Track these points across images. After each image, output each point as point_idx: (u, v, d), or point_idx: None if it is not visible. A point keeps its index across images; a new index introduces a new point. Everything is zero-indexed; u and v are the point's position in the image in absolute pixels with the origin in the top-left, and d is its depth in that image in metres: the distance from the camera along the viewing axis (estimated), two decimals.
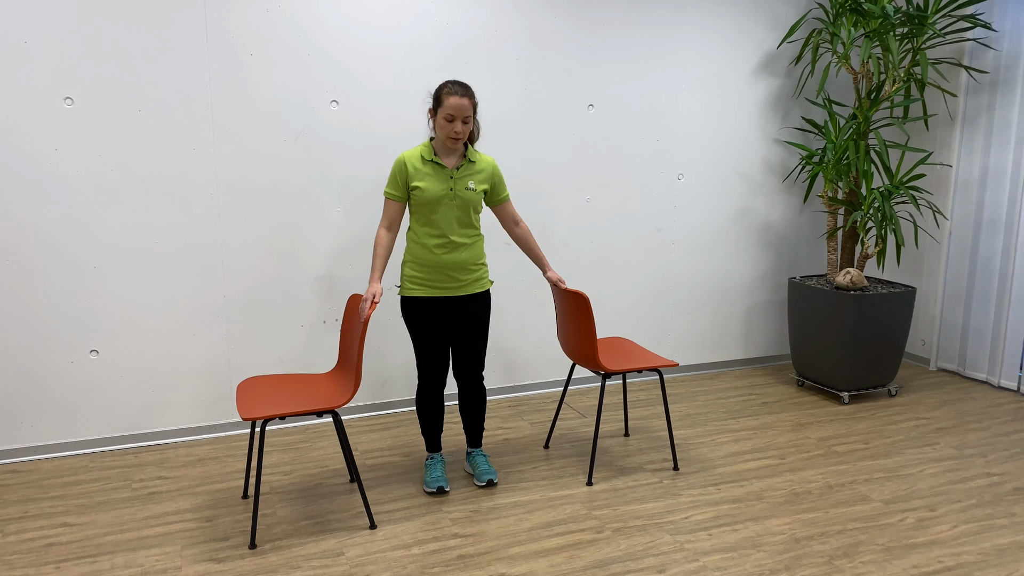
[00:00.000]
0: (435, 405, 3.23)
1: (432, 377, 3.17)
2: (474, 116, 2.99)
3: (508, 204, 3.22)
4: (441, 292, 3.08)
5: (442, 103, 2.93)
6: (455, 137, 2.95)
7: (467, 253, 3.08)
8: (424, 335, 3.11)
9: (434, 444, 3.31)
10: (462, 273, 3.08)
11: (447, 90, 2.92)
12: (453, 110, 2.91)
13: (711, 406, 4.24)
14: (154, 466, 3.46)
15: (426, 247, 3.04)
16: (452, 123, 2.92)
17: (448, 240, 3.03)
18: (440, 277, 3.06)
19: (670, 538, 2.87)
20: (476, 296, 3.14)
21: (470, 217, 3.07)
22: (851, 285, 4.19)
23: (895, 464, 3.52)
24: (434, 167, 3.00)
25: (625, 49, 4.23)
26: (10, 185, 3.30)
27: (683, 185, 4.53)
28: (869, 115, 4.20)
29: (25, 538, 2.85)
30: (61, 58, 3.30)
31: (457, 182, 3.02)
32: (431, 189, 2.98)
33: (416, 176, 2.99)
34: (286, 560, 2.71)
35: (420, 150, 3.03)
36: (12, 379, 3.43)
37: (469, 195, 3.03)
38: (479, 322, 3.16)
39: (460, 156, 3.06)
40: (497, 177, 3.14)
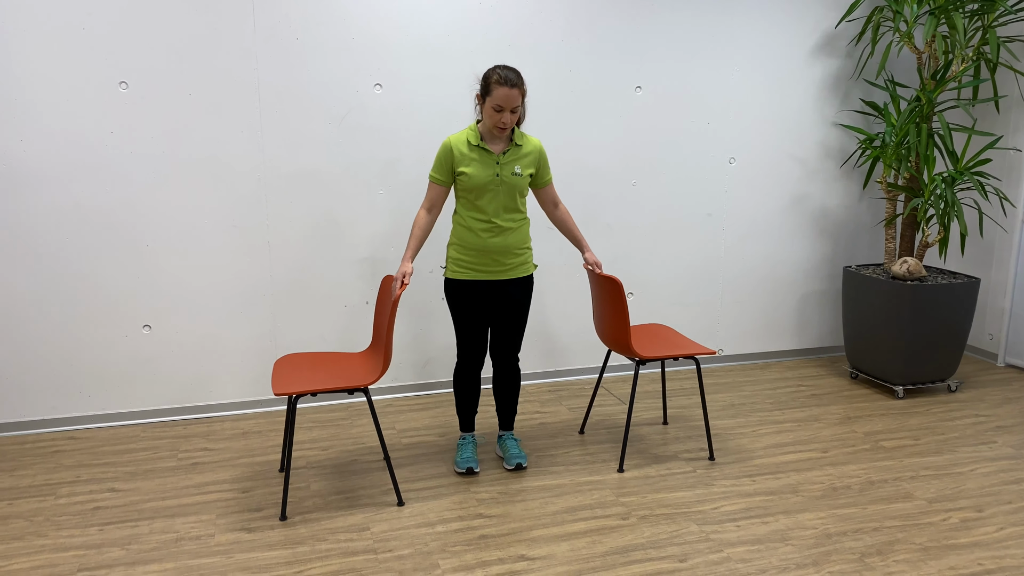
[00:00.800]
0: (472, 383, 3.26)
1: (471, 357, 3.20)
2: (522, 103, 2.94)
3: (550, 187, 3.19)
4: (486, 275, 3.08)
5: (491, 92, 2.87)
6: (502, 127, 2.92)
7: (513, 237, 3.07)
8: (466, 317, 3.13)
9: (467, 424, 3.33)
10: (507, 257, 3.08)
11: (496, 78, 2.86)
12: (502, 100, 2.86)
13: (757, 396, 4.14)
14: (200, 438, 3.59)
15: (472, 231, 3.04)
16: (500, 113, 2.89)
17: (494, 224, 3.02)
18: (485, 260, 3.06)
19: (696, 528, 2.82)
20: (520, 280, 3.14)
21: (516, 201, 3.05)
22: (908, 275, 4.01)
23: (945, 462, 3.37)
24: (480, 152, 2.98)
25: (674, 29, 4.14)
26: (69, 167, 3.47)
27: (735, 169, 4.42)
28: (933, 97, 4.00)
29: (75, 501, 3.01)
30: (117, 45, 3.43)
31: (503, 167, 2.99)
32: (477, 175, 2.97)
33: (462, 161, 2.98)
34: (313, 532, 2.78)
35: (466, 134, 3.00)
36: (72, 351, 3.61)
37: (515, 180, 3.01)
38: (520, 306, 3.16)
39: (507, 140, 3.02)
40: (543, 160, 3.11)
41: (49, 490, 3.09)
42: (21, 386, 3.58)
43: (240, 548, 2.68)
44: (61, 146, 3.44)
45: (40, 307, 3.54)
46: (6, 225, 3.44)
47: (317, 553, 2.65)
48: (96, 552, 2.65)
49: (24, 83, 3.35)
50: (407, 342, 4.07)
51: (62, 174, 3.47)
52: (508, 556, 2.63)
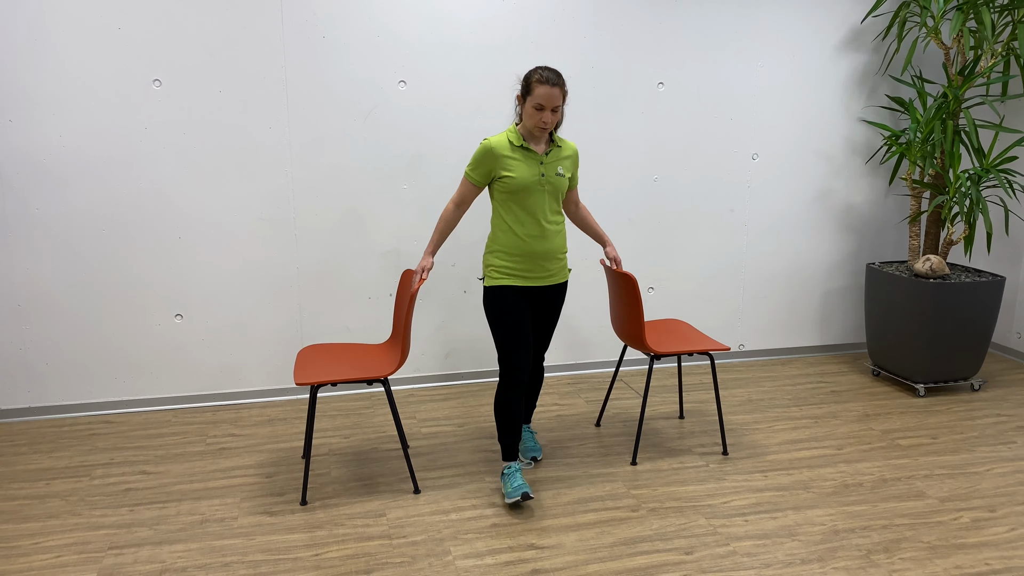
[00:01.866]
0: (518, 406, 2.99)
1: (520, 372, 2.95)
2: (563, 104, 2.88)
3: (576, 188, 3.20)
4: (530, 282, 3.00)
5: (532, 91, 2.82)
6: (543, 127, 2.86)
7: (557, 240, 3.01)
8: (512, 326, 2.95)
9: (513, 452, 3.06)
10: (551, 262, 3.02)
11: (537, 77, 2.81)
12: (543, 99, 2.80)
13: (776, 392, 4.15)
14: (228, 424, 3.72)
15: (517, 235, 2.94)
16: (541, 112, 2.83)
17: (540, 227, 2.95)
18: (531, 266, 2.98)
19: (705, 521, 2.87)
20: (559, 286, 3.10)
21: (558, 203, 3.01)
22: (931, 273, 3.99)
23: (961, 461, 3.36)
24: (524, 153, 2.91)
25: (698, 25, 4.15)
26: (106, 161, 3.60)
27: (758, 165, 4.42)
28: (959, 93, 3.96)
29: (108, 482, 3.15)
30: (151, 43, 3.55)
31: (548, 167, 2.94)
32: (522, 175, 2.90)
33: (505, 163, 2.89)
34: (332, 517, 2.88)
35: (507, 135, 2.92)
36: (107, 338, 3.76)
37: (559, 181, 2.96)
38: (557, 312, 3.15)
39: (548, 141, 2.98)
40: (577, 163, 3.09)
41: (84, 471, 3.24)
42: (59, 372, 3.74)
43: (261, 531, 2.79)
44: (98, 141, 3.58)
45: (77, 296, 3.69)
46: (46, 218, 3.59)
47: (334, 537, 2.75)
48: (126, 531, 2.78)
49: (63, 82, 3.49)
50: (429, 334, 4.16)
51: (98, 168, 3.60)
52: (518, 544, 2.71)
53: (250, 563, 2.60)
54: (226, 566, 2.58)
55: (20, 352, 3.69)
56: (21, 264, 3.61)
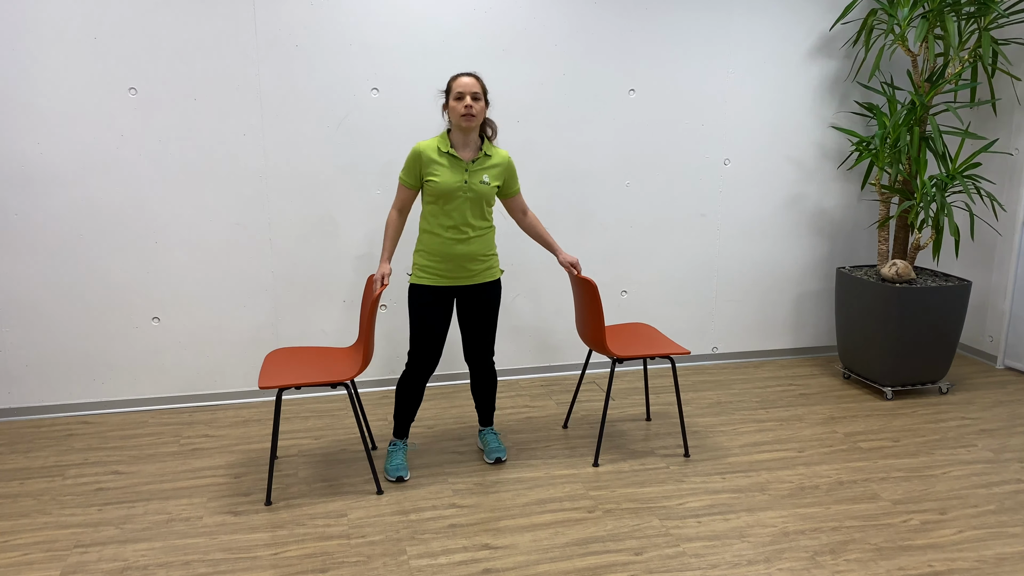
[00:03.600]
0: (416, 393, 3.25)
1: (421, 366, 3.19)
2: (484, 99, 3.03)
3: (519, 196, 3.28)
4: (451, 282, 3.15)
5: (451, 88, 3.02)
6: (468, 114, 2.97)
7: (477, 244, 3.13)
8: (425, 323, 3.14)
9: (402, 431, 3.33)
10: (473, 264, 3.15)
11: (453, 76, 3.05)
12: (462, 87, 2.98)
13: (745, 395, 4.21)
14: (203, 425, 3.80)
15: (439, 237, 3.10)
16: (462, 100, 2.98)
17: (461, 231, 3.09)
18: (451, 267, 3.13)
19: (658, 522, 2.93)
20: (486, 285, 3.21)
21: (483, 210, 3.13)
22: (897, 277, 4.04)
23: (919, 464, 3.42)
24: (450, 159, 3.05)
25: (668, 32, 4.21)
26: (82, 168, 3.68)
27: (729, 171, 4.47)
28: (926, 100, 4.01)
29: (81, 482, 3.23)
30: (126, 53, 3.63)
31: (472, 175, 3.07)
32: (446, 181, 3.03)
33: (430, 167, 3.05)
34: (294, 517, 2.96)
35: (437, 141, 3.07)
36: (86, 340, 3.85)
37: (483, 188, 3.08)
38: (489, 310, 3.24)
39: (476, 149, 3.11)
40: (511, 172, 3.19)
41: (58, 471, 3.32)
42: (40, 373, 3.82)
43: (224, 530, 2.87)
44: (75, 149, 3.66)
45: (57, 299, 3.77)
46: (25, 223, 3.67)
47: (295, 537, 2.82)
48: (93, 530, 2.86)
49: (41, 90, 3.57)
50: (402, 338, 4.23)
51: (76, 175, 3.69)
52: (473, 545, 2.78)
53: (210, 562, 2.67)
54: (186, 564, 2.66)
55: (0, 354, 3.77)
56: (1, 268, 3.69)
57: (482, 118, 3.06)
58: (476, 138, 3.11)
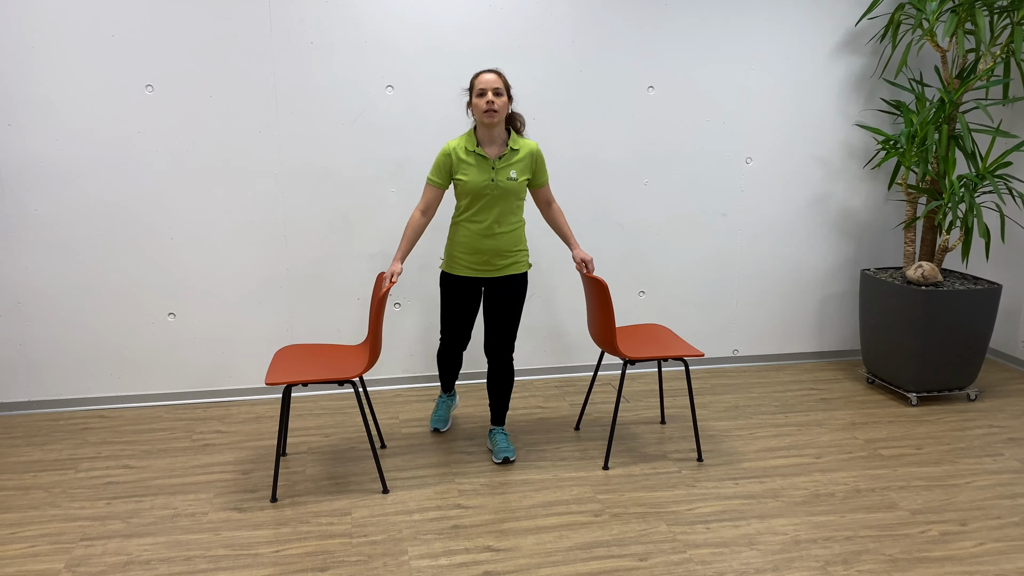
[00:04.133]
0: (452, 361, 3.56)
1: (452, 342, 3.46)
2: (508, 94, 3.09)
3: (546, 188, 3.30)
4: (478, 273, 3.24)
5: (473, 85, 3.08)
6: (490, 110, 3.02)
7: (506, 240, 3.20)
8: (452, 310, 3.34)
9: (447, 386, 3.67)
10: (500, 258, 3.22)
11: (475, 73, 3.17)
12: (483, 84, 3.04)
13: (764, 399, 4.12)
14: (216, 420, 3.82)
15: (469, 231, 3.19)
16: (484, 96, 3.03)
17: (489, 227, 3.17)
18: (478, 260, 3.22)
19: (665, 528, 2.86)
20: (512, 278, 3.26)
21: (512, 205, 3.18)
22: (923, 280, 3.91)
23: (942, 473, 3.30)
24: (477, 158, 3.11)
25: (687, 28, 4.13)
26: (99, 165, 3.72)
27: (751, 169, 4.38)
28: (955, 97, 3.88)
29: (92, 475, 3.26)
30: (143, 50, 3.66)
31: (499, 172, 3.11)
32: (473, 180, 3.10)
33: (460, 167, 3.12)
34: (299, 515, 2.95)
35: (464, 140, 3.14)
36: (103, 335, 3.88)
37: (510, 185, 3.13)
38: (512, 303, 3.27)
39: (502, 144, 3.15)
40: (538, 163, 3.22)
41: (71, 464, 3.36)
42: (57, 368, 3.87)
43: (228, 526, 2.87)
44: (92, 145, 3.70)
45: (74, 295, 3.82)
46: (43, 219, 3.72)
47: (297, 534, 2.81)
48: (100, 524, 2.88)
49: (58, 87, 3.61)
50: (417, 334, 4.21)
51: (93, 171, 3.72)
52: (475, 546, 2.74)
53: (211, 558, 2.67)
54: (188, 560, 2.66)
55: (20, 348, 3.83)
56: (21, 263, 3.75)
57: (505, 113, 3.10)
58: (502, 133, 3.15)
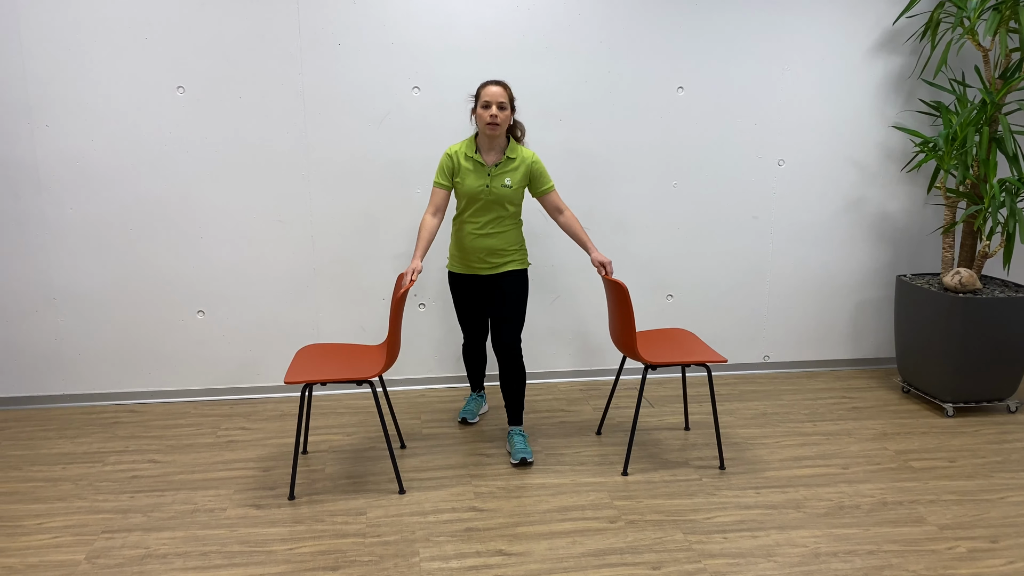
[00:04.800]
0: (477, 356, 3.72)
1: (471, 337, 3.63)
2: (511, 107, 3.21)
3: (552, 194, 3.36)
4: (476, 271, 3.38)
5: (479, 95, 3.21)
6: (492, 122, 3.16)
7: (499, 240, 3.32)
8: (460, 305, 3.54)
9: (475, 385, 3.83)
10: (494, 257, 3.34)
11: (482, 83, 3.26)
12: (488, 97, 3.17)
13: (793, 406, 4.03)
14: (242, 417, 3.87)
15: (464, 231, 3.34)
16: (488, 109, 3.17)
17: (482, 228, 3.31)
18: (474, 259, 3.36)
19: (681, 536, 2.81)
20: (508, 274, 3.35)
21: (507, 209, 3.31)
22: (960, 287, 3.79)
23: (975, 487, 3.19)
24: (475, 164, 3.26)
25: (719, 26, 4.06)
26: (132, 164, 3.80)
27: (784, 172, 4.29)
28: (997, 98, 3.75)
29: (118, 469, 3.33)
30: (175, 52, 3.72)
31: (493, 179, 3.25)
32: (469, 184, 3.26)
33: (459, 170, 3.27)
34: (314, 513, 2.97)
35: (465, 146, 3.28)
36: (135, 331, 3.97)
37: (503, 192, 3.26)
38: (510, 298, 3.34)
39: (500, 152, 3.28)
40: (536, 171, 3.31)
41: (99, 457, 3.43)
42: (91, 362, 3.97)
43: (245, 523, 2.90)
44: (125, 146, 3.78)
45: (108, 291, 3.90)
46: (78, 218, 3.81)
47: (312, 533, 2.83)
48: (122, 517, 2.94)
49: (95, 89, 3.70)
50: (442, 335, 4.21)
51: (126, 171, 3.80)
52: (486, 550, 2.73)
53: (226, 554, 2.70)
54: (204, 555, 2.69)
55: (55, 343, 3.93)
56: (57, 260, 3.85)
57: (506, 125, 3.25)
58: (502, 141, 3.28)
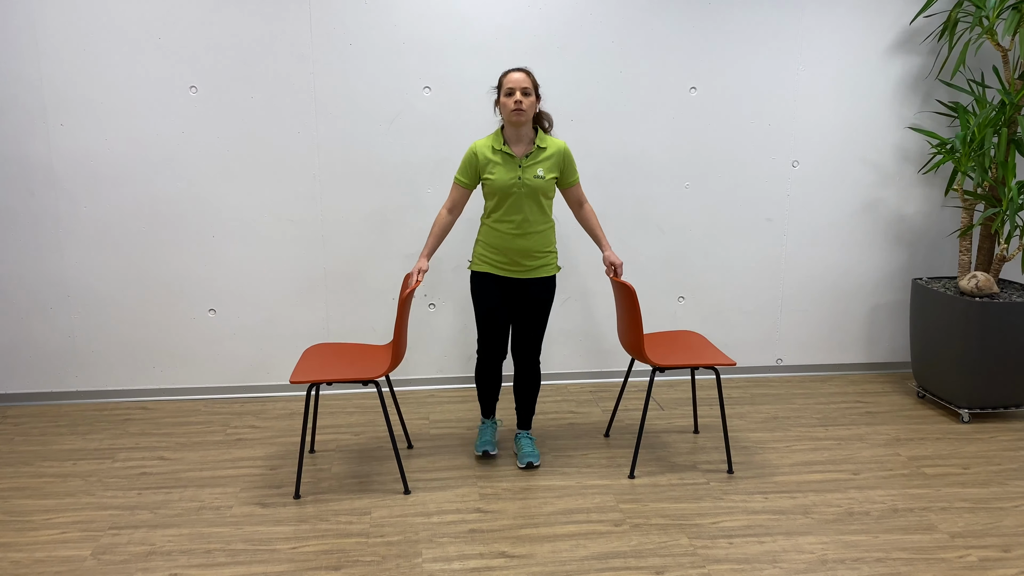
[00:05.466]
0: (492, 377, 3.39)
1: (490, 351, 3.31)
2: (536, 93, 3.07)
3: (578, 186, 3.27)
4: (507, 273, 3.20)
5: (502, 84, 3.07)
6: (518, 109, 3.01)
7: (536, 240, 3.16)
8: (485, 310, 3.25)
9: (488, 411, 3.50)
10: (529, 259, 3.18)
11: (504, 72, 3.15)
12: (511, 83, 3.03)
13: (805, 410, 3.98)
14: (252, 416, 3.89)
15: (497, 232, 3.16)
16: (512, 96, 3.03)
17: (518, 226, 3.13)
18: (507, 260, 3.18)
19: (687, 541, 2.79)
20: (540, 280, 3.22)
21: (540, 204, 3.15)
22: (976, 291, 3.72)
23: (988, 495, 3.13)
24: (504, 156, 3.10)
25: (733, 26, 4.02)
26: (145, 163, 3.83)
27: (798, 173, 4.24)
28: (1015, 99, 3.68)
29: (128, 465, 3.36)
30: (188, 53, 3.75)
31: (525, 171, 3.09)
32: (500, 178, 3.09)
33: (487, 166, 3.12)
34: (319, 512, 2.97)
35: (491, 140, 3.14)
36: (148, 329, 4.00)
37: (538, 183, 3.10)
38: (540, 305, 3.24)
39: (529, 143, 3.14)
40: (567, 162, 3.19)
41: (110, 454, 3.46)
42: (104, 359, 4.00)
43: (250, 521, 2.91)
44: (138, 145, 3.81)
45: (121, 289, 3.94)
46: (92, 216, 3.85)
47: (316, 532, 2.84)
48: (129, 513, 2.96)
49: (107, 88, 3.73)
50: (452, 335, 4.21)
51: (139, 170, 3.84)
52: (489, 552, 2.72)
53: (230, 552, 2.71)
54: (208, 553, 2.71)
55: (69, 340, 3.97)
56: (72, 258, 3.89)
57: (532, 112, 3.09)
58: (529, 131, 3.14)
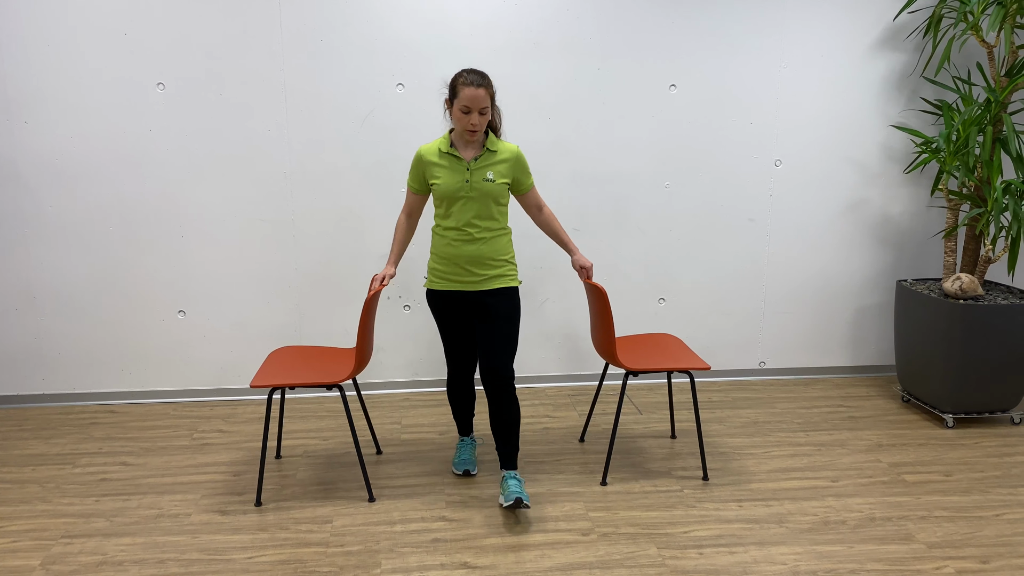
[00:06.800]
0: (464, 392, 3.24)
1: (458, 367, 3.17)
2: (492, 106, 2.86)
3: (532, 192, 3.08)
4: (460, 286, 2.98)
5: (458, 94, 2.79)
6: (472, 129, 2.80)
7: (485, 247, 2.94)
8: (445, 327, 3.09)
9: (464, 428, 3.35)
10: (480, 267, 2.95)
11: (462, 80, 2.77)
12: (469, 101, 2.76)
13: (787, 415, 3.89)
14: (220, 420, 3.80)
15: (445, 239, 2.95)
16: (468, 115, 2.79)
17: (466, 232, 2.92)
18: (457, 270, 2.96)
19: (655, 551, 2.70)
20: (499, 292, 2.97)
21: (491, 210, 2.93)
22: (960, 293, 3.64)
23: (970, 503, 3.05)
24: (451, 159, 2.89)
25: (714, 22, 3.94)
26: (112, 162, 3.75)
27: (781, 172, 4.16)
28: (1001, 97, 3.60)
29: (88, 471, 3.27)
30: (155, 49, 3.67)
31: (474, 174, 2.88)
32: (446, 182, 2.88)
33: (431, 170, 2.91)
34: (280, 521, 2.89)
35: (438, 143, 2.92)
36: (115, 331, 3.92)
37: (487, 187, 2.89)
38: (499, 319, 2.95)
39: (479, 146, 2.92)
40: (520, 167, 2.98)
41: (71, 459, 3.38)
42: (70, 361, 3.92)
43: (208, 529, 2.83)
44: (105, 143, 3.73)
45: (88, 290, 3.86)
46: (58, 216, 3.77)
47: (274, 541, 2.75)
48: (84, 521, 2.88)
49: (74, 85, 3.65)
50: (428, 337, 4.13)
51: (105, 168, 3.75)
52: (451, 562, 2.63)
53: (184, 561, 2.63)
54: (160, 563, 2.62)
55: (35, 342, 3.89)
56: (37, 258, 3.81)
57: (485, 126, 2.87)
58: (480, 135, 2.91)
